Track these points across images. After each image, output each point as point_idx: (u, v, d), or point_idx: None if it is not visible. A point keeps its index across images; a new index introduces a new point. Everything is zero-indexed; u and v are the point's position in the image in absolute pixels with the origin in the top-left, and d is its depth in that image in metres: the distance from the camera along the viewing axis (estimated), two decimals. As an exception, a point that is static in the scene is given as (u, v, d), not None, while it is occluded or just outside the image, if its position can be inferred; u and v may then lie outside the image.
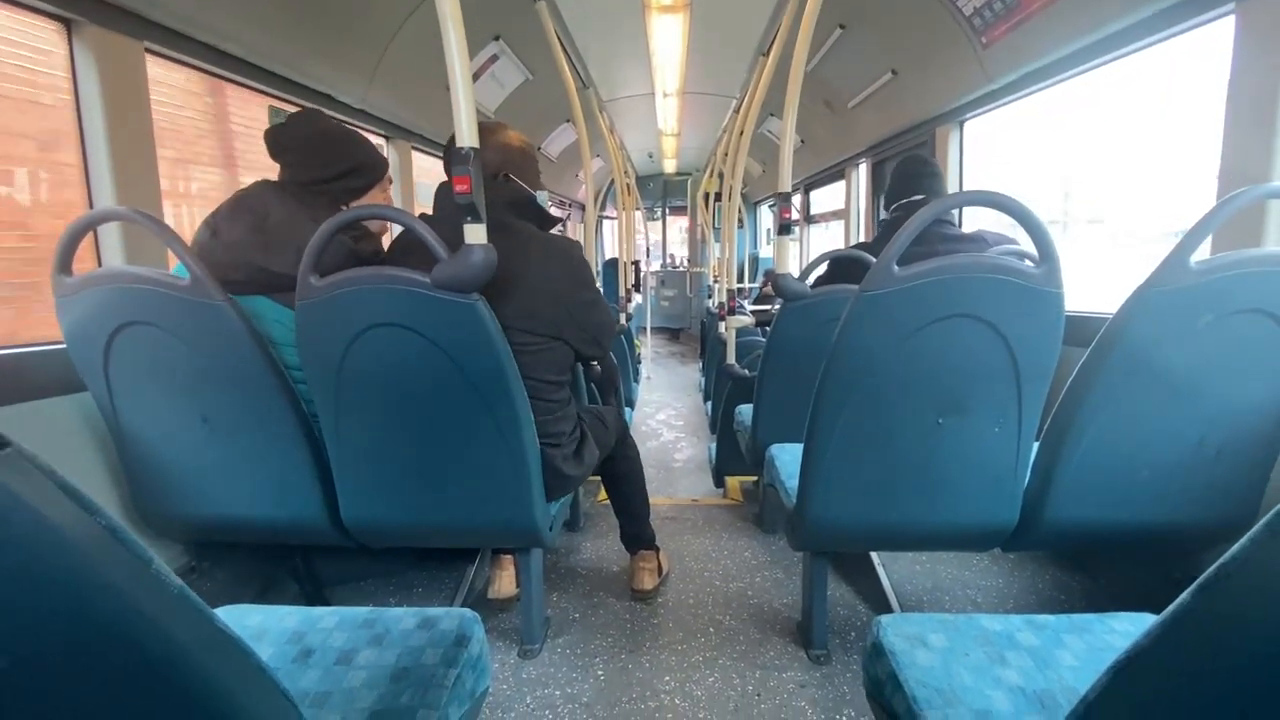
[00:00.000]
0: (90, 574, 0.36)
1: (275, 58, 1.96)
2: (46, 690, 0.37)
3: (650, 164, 7.96)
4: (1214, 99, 1.46)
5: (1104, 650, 0.88)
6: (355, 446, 1.31)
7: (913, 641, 0.91)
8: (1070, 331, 1.16)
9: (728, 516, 2.46)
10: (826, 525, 1.35)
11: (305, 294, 1.18)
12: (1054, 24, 1.91)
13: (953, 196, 1.24)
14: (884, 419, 1.22)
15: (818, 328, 1.76)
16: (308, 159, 1.39)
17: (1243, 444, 1.19)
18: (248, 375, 1.25)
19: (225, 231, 1.30)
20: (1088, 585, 1.76)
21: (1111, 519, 1.27)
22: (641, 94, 4.57)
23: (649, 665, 1.54)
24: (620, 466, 1.85)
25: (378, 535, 1.43)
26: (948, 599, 1.76)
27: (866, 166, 3.79)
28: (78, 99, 1.43)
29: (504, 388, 1.22)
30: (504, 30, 3.04)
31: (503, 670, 1.52)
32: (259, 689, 0.49)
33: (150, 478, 1.37)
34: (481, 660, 0.93)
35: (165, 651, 0.40)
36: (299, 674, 0.85)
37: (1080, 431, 1.18)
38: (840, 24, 2.91)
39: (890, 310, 1.13)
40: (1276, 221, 1.34)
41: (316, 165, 1.39)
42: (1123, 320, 1.10)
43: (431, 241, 1.13)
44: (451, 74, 1.08)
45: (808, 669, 1.50)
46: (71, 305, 1.23)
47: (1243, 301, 1.07)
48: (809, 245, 5.50)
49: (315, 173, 1.39)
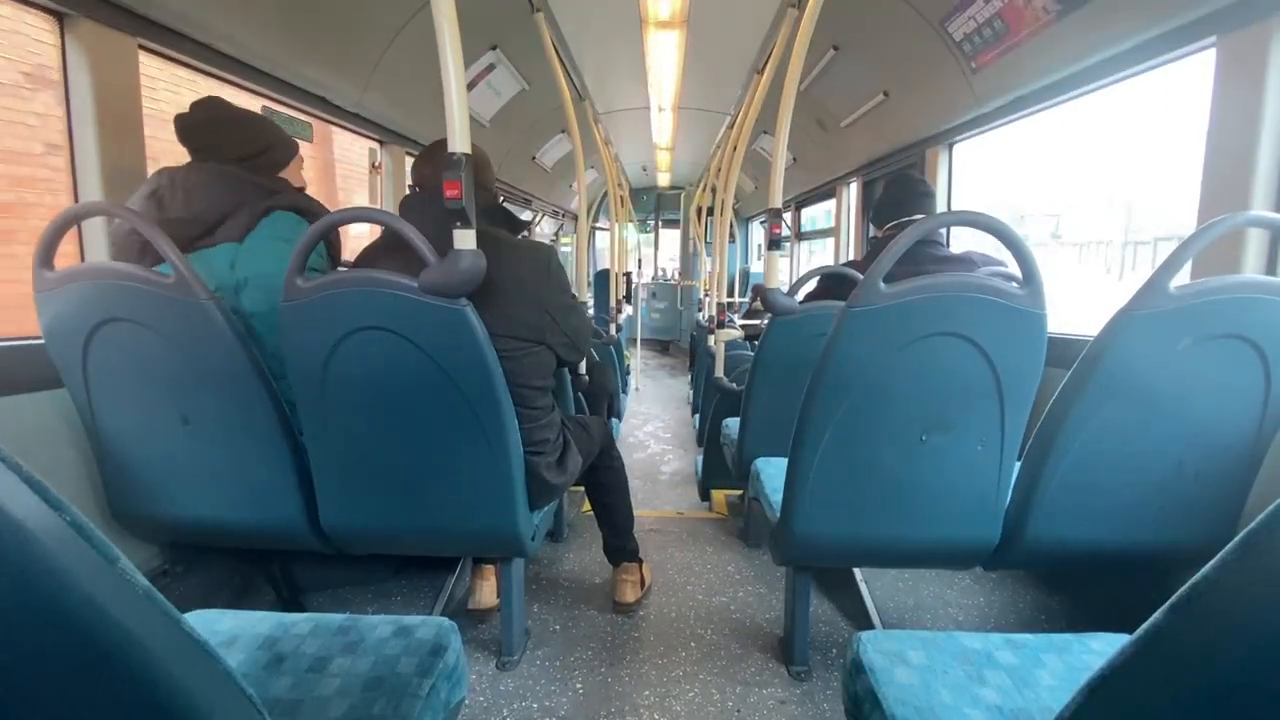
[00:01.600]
0: (53, 570, 0.35)
1: (269, 58, 1.96)
2: (3, 687, 0.36)
3: (644, 177, 8.00)
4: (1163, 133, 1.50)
5: (1081, 670, 0.88)
6: (337, 450, 1.29)
7: (892, 659, 0.90)
8: (1052, 353, 1.17)
9: (712, 530, 2.45)
10: (810, 540, 1.34)
11: (291, 295, 1.17)
12: (1041, 52, 1.95)
13: (939, 216, 1.26)
14: (868, 435, 1.23)
15: (806, 343, 1.77)
16: (225, 140, 1.42)
17: (1220, 467, 1.21)
18: (230, 376, 1.23)
19: (170, 203, 1.34)
20: (1067, 605, 1.76)
21: (1091, 539, 1.28)
22: (637, 108, 4.61)
23: (629, 679, 1.52)
24: (604, 477, 1.84)
25: (357, 541, 1.41)
26: (929, 617, 1.76)
27: (858, 185, 3.83)
28: (68, 93, 1.42)
29: (491, 394, 1.22)
30: (501, 40, 3.06)
31: (480, 681, 1.49)
32: (225, 695, 0.48)
33: (126, 477, 1.35)
34: (458, 670, 0.92)
35: (128, 653, 0.39)
36: (270, 681, 0.83)
37: (1061, 452, 1.19)
38: (834, 45, 2.96)
39: (876, 327, 1.14)
40: (1255, 248, 1.37)
41: (237, 144, 1.43)
42: (1103, 342, 1.11)
43: (420, 246, 1.12)
44: (446, 80, 1.09)
45: (789, 685, 1.49)
46: (52, 300, 1.21)
47: (1220, 327, 1.09)
48: (799, 262, 5.54)
49: (239, 150, 1.43)
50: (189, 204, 1.33)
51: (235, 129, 1.45)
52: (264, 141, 1.48)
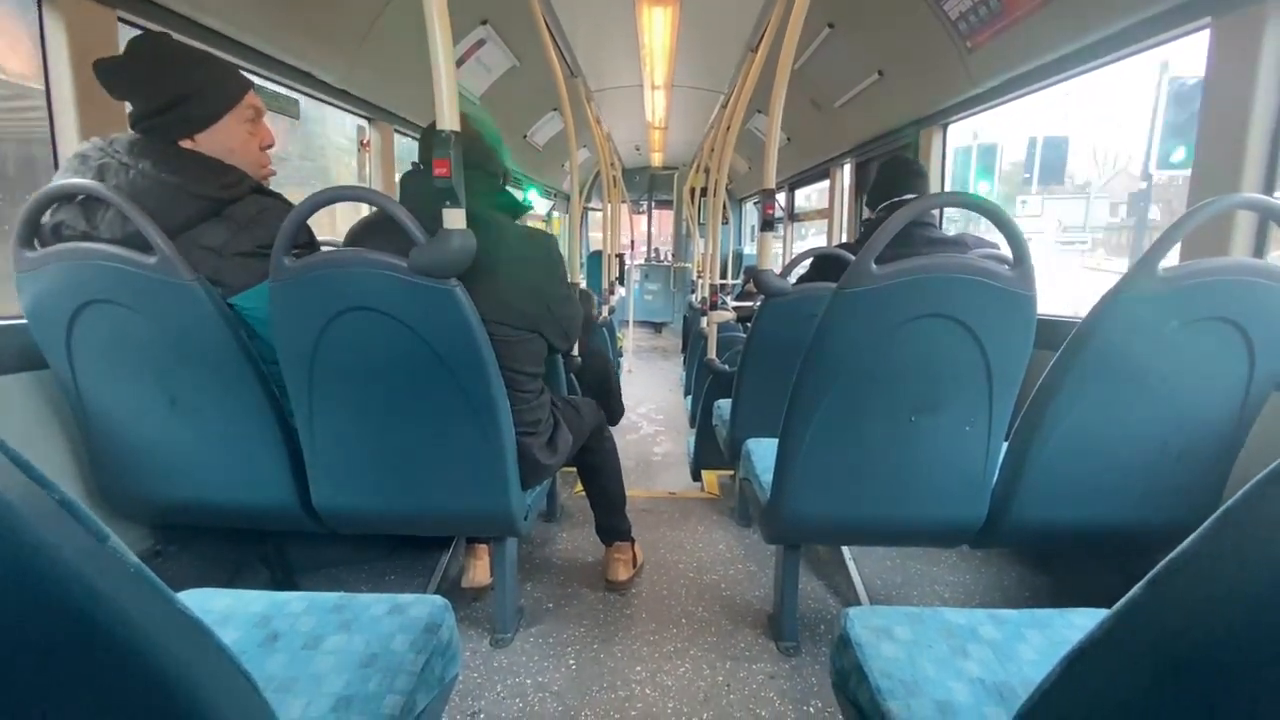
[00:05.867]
0: (40, 549, 0.35)
1: (254, 31, 1.91)
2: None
3: (637, 157, 7.93)
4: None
5: (1062, 644, 0.90)
6: (328, 431, 1.29)
7: (878, 634, 0.92)
8: (1041, 334, 1.18)
9: (704, 510, 2.47)
10: (799, 519, 1.36)
11: (278, 275, 1.16)
12: (1037, 31, 1.93)
13: (932, 197, 1.26)
14: (858, 415, 1.24)
15: (798, 324, 1.77)
16: (135, 90, 1.20)
17: (1203, 447, 1.23)
18: (217, 356, 1.22)
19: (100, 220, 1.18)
20: (1051, 582, 1.80)
21: (1076, 518, 1.31)
22: (630, 85, 4.55)
23: (620, 655, 1.55)
24: (595, 459, 1.85)
25: (350, 521, 1.41)
26: (915, 594, 1.79)
27: (851, 166, 3.81)
28: (46, 68, 1.38)
29: (481, 374, 1.21)
30: (492, 15, 3.00)
31: (474, 658, 1.51)
32: (219, 671, 0.49)
33: (114, 458, 1.34)
34: (451, 647, 0.93)
35: (119, 631, 0.39)
36: (264, 658, 0.84)
37: (1048, 432, 1.21)
38: (829, 23, 2.92)
39: (867, 308, 1.14)
40: (1244, 231, 1.38)
41: (145, 95, 1.20)
42: (1092, 324, 1.12)
43: (409, 225, 1.11)
44: (434, 55, 1.07)
45: (777, 660, 1.52)
46: (33, 281, 1.19)
47: (1208, 309, 1.10)
48: (792, 244, 5.53)
49: (141, 105, 1.20)
50: (124, 224, 1.15)
51: (145, 75, 1.19)
52: (173, 91, 1.19)
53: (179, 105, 1.20)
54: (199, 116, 1.23)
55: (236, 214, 1.24)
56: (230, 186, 1.23)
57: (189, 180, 1.18)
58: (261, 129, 1.34)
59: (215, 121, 1.25)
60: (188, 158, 1.21)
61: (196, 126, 1.23)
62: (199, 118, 1.23)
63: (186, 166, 1.20)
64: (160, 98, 1.19)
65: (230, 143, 1.27)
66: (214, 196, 1.21)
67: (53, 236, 1.19)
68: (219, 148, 1.25)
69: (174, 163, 1.19)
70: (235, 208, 1.24)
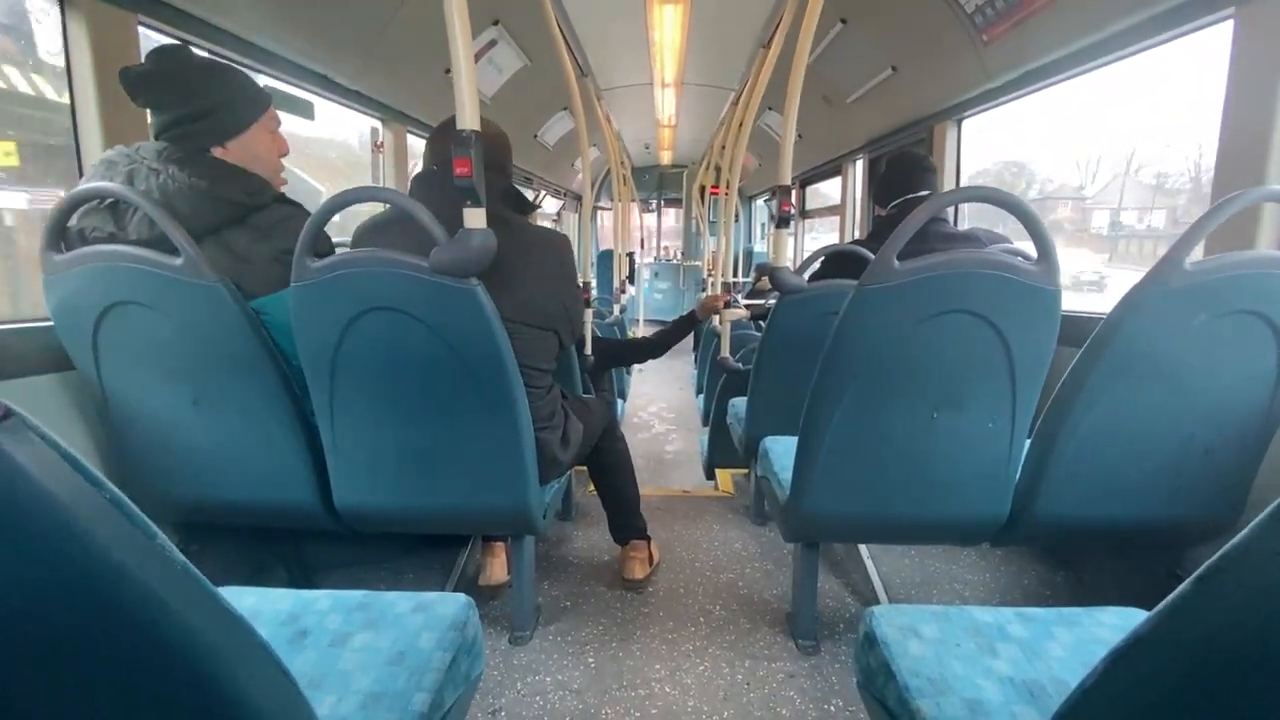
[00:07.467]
0: (93, 547, 0.35)
1: (270, 35, 1.93)
2: (48, 663, 0.37)
3: (646, 155, 7.92)
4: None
5: (1092, 643, 0.89)
6: (349, 430, 1.30)
7: (905, 632, 0.92)
8: (1064, 331, 1.17)
9: (718, 508, 2.47)
10: (819, 517, 1.36)
11: (301, 275, 1.17)
12: (1055, 23, 1.91)
13: (955, 191, 1.25)
14: (879, 412, 1.23)
15: (814, 322, 1.77)
16: (163, 99, 1.24)
17: (1231, 443, 1.21)
18: (240, 357, 1.23)
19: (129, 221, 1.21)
20: (1072, 581, 1.78)
21: (1100, 515, 1.29)
22: (639, 84, 4.54)
23: (639, 653, 1.55)
24: (608, 459, 1.85)
25: (370, 520, 1.42)
26: (935, 593, 1.78)
27: (863, 162, 3.79)
28: (70, 72, 1.40)
29: (501, 372, 1.22)
30: (503, 15, 3.01)
31: (494, 656, 1.52)
32: (262, 668, 0.49)
33: (139, 458, 1.36)
34: (477, 645, 0.94)
35: (169, 627, 0.39)
36: (294, 655, 0.85)
37: (1072, 429, 1.20)
38: (842, 18, 2.90)
39: (889, 304, 1.14)
40: (1270, 224, 1.36)
41: (174, 104, 1.23)
42: (1117, 319, 1.11)
43: (431, 225, 1.12)
44: (454, 56, 1.07)
45: (796, 659, 1.51)
46: (60, 283, 1.21)
47: (1235, 303, 1.08)
48: (803, 242, 5.51)
49: (171, 113, 1.23)
50: (152, 226, 1.18)
51: (175, 85, 1.23)
52: (207, 99, 1.23)
53: (213, 113, 1.25)
54: (231, 125, 1.28)
55: (259, 221, 1.28)
56: (255, 193, 1.27)
57: (217, 185, 1.22)
58: (279, 139, 1.40)
59: (245, 130, 1.30)
60: (217, 164, 1.25)
61: (228, 135, 1.28)
62: (231, 126, 1.28)
63: (216, 172, 1.23)
64: (193, 105, 1.23)
65: (256, 150, 1.32)
66: (240, 202, 1.25)
67: (79, 241, 1.22)
68: (245, 155, 1.30)
69: (203, 168, 1.22)
70: (259, 215, 1.28)
